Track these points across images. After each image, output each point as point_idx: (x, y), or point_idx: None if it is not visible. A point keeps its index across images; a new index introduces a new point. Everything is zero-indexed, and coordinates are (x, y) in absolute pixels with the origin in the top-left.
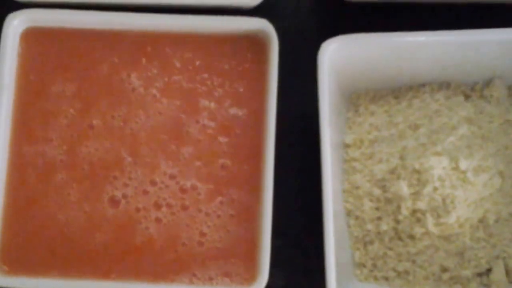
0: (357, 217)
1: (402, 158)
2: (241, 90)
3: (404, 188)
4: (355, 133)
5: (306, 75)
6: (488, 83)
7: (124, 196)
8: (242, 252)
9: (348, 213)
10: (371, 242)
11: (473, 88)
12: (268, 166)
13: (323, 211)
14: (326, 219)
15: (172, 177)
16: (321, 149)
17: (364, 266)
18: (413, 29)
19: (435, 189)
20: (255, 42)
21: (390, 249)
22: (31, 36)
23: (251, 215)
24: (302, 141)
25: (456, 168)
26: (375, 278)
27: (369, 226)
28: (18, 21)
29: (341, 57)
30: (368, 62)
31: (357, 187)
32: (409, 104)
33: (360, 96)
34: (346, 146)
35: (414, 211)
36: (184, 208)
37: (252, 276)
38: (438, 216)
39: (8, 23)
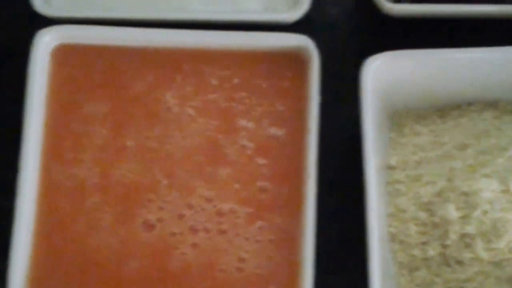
0: (402, 242)
1: (449, 180)
2: (280, 109)
3: (452, 212)
4: (399, 154)
5: (345, 92)
6: None
7: (159, 220)
8: (282, 279)
9: (393, 238)
10: (417, 268)
11: None
12: (309, 189)
13: (367, 237)
14: (371, 246)
15: (209, 200)
16: (365, 171)
17: None
18: (455, 45)
19: (485, 212)
20: (295, 59)
21: (438, 275)
22: (62, 54)
23: (291, 240)
24: (343, 162)
25: (506, 191)
26: None
27: (415, 252)
28: (49, 38)
29: (385, 75)
30: (412, 79)
31: (402, 211)
32: (456, 123)
33: (403, 116)
34: (390, 167)
35: (462, 236)
36: (222, 232)
37: None
38: (488, 240)
39: (38, 40)
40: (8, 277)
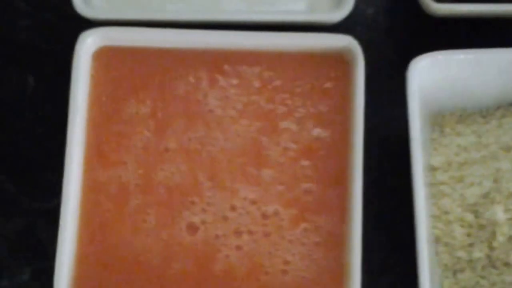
0: (446, 244)
1: (496, 181)
2: (324, 110)
3: (500, 213)
4: (442, 155)
5: (385, 92)
6: None
7: (203, 222)
8: (329, 282)
9: (437, 240)
10: (462, 270)
11: None
12: (356, 190)
13: (416, 239)
14: (420, 247)
15: (253, 202)
16: (413, 172)
17: None
18: (494, 44)
19: None
20: (339, 60)
21: (483, 277)
22: (104, 56)
23: (338, 243)
24: (385, 162)
25: None
26: None
27: (460, 253)
28: (91, 40)
29: (430, 75)
30: (456, 80)
31: (447, 212)
32: (499, 124)
33: (446, 116)
34: (433, 169)
35: (510, 237)
36: (266, 235)
37: None
38: None
39: (81, 42)
40: (54, 277)
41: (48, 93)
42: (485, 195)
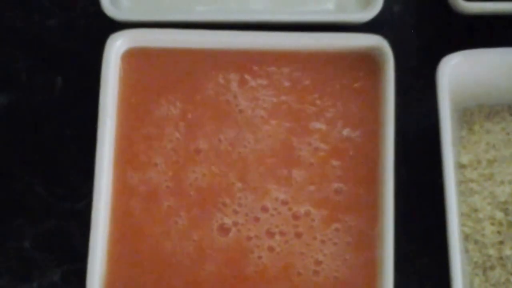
0: (476, 242)
1: None
2: (354, 110)
3: None
4: (471, 153)
5: (414, 90)
6: None
7: (235, 223)
8: (361, 282)
9: (466, 238)
10: (492, 268)
11: None
12: (387, 190)
13: (448, 236)
14: (452, 245)
15: (284, 203)
16: (444, 169)
17: None
18: None
19: None
20: (368, 59)
21: None
22: (133, 57)
23: (369, 242)
24: (415, 159)
25: None
26: None
27: (491, 251)
28: (120, 42)
29: (460, 73)
30: (485, 77)
31: (476, 210)
32: None
33: (474, 113)
34: (462, 166)
35: None
36: (298, 235)
37: None
38: None
39: (110, 44)
40: (86, 278)
41: (76, 94)
42: None
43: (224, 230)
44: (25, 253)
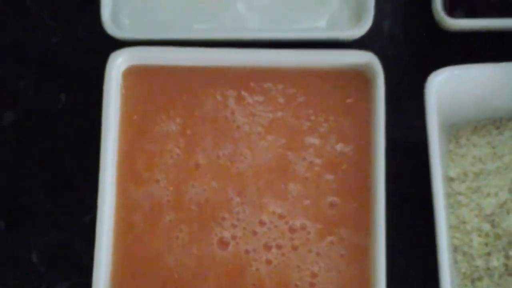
0: (464, 253)
1: (511, 191)
2: (347, 125)
3: None
4: (458, 166)
5: (402, 104)
6: None
7: (233, 237)
8: None
9: (455, 249)
10: (480, 279)
11: None
12: (379, 203)
13: (437, 248)
14: (441, 256)
15: (281, 216)
16: (433, 183)
17: None
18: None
19: None
20: (360, 75)
21: (500, 285)
22: (134, 75)
23: (362, 254)
24: (406, 173)
25: None
26: None
27: (478, 262)
28: (121, 60)
29: (447, 89)
30: (471, 92)
31: (464, 222)
32: None
33: (461, 127)
34: (450, 179)
35: None
36: (294, 248)
37: None
38: None
39: (111, 62)
40: None
41: (79, 110)
42: (501, 205)
43: (223, 244)
44: (32, 266)
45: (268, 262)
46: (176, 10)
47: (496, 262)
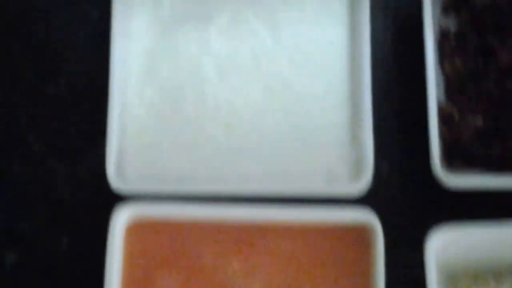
0: None
1: None
2: (347, 281)
3: None
4: None
5: (404, 256)
6: None
7: None
8: None
9: None
10: None
11: None
12: None
13: None
14: None
15: None
16: None
17: None
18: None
19: None
20: (359, 232)
21: None
22: (136, 229)
23: None
24: None
25: None
26: None
27: None
28: (125, 215)
29: (446, 245)
30: (470, 248)
31: None
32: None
33: (460, 279)
34: None
35: None
36: None
37: None
38: None
39: (116, 217)
40: None
41: (80, 255)
42: None
43: None
44: None
45: None
46: (182, 164)
47: None
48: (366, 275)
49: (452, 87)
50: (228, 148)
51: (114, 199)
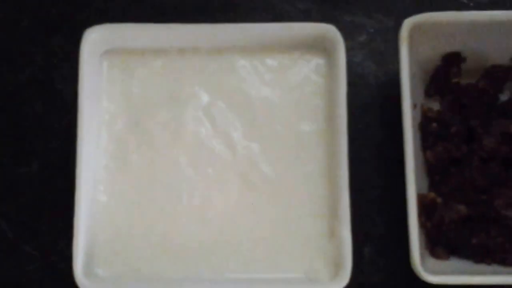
0: None
1: None
2: None
3: None
4: None
5: None
6: None
7: None
8: None
9: None
10: None
11: None
12: None
13: None
14: None
15: None
16: None
17: None
18: None
19: None
20: None
21: None
22: None
23: None
24: None
25: None
26: None
27: None
28: None
29: None
30: None
31: None
32: None
33: None
34: None
35: None
36: None
37: None
38: None
39: None
40: None
41: None
42: None
43: None
44: None
45: None
46: (154, 259)
47: None
48: None
49: (435, 174)
50: (202, 242)
51: None
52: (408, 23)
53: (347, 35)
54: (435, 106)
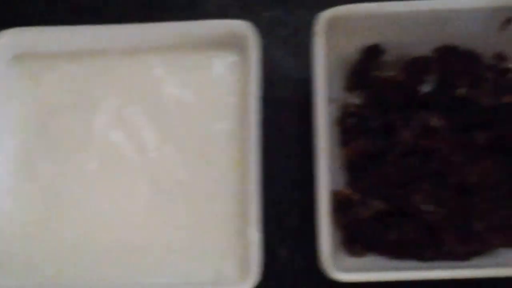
0: None
1: None
2: None
3: None
4: None
5: None
6: None
7: None
8: None
9: None
10: None
11: None
12: None
13: None
14: None
15: None
16: None
17: None
18: None
19: None
20: None
21: None
22: None
23: None
24: None
25: None
26: None
27: None
28: None
29: None
30: None
31: None
32: None
33: None
34: None
35: None
36: None
37: None
38: None
39: None
40: None
41: None
42: None
43: None
44: None
45: None
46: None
47: None
48: None
49: (354, 170)
50: (112, 248)
51: None
52: (323, 17)
53: (268, 31)
54: (357, 101)
